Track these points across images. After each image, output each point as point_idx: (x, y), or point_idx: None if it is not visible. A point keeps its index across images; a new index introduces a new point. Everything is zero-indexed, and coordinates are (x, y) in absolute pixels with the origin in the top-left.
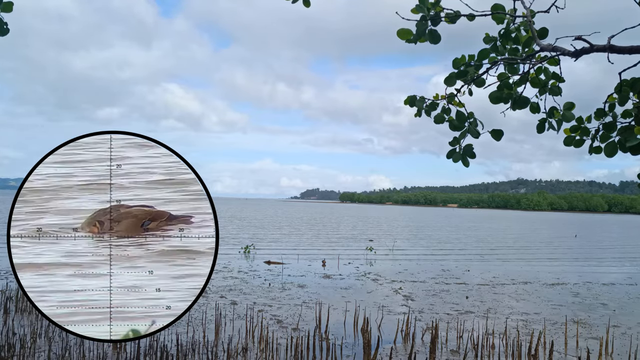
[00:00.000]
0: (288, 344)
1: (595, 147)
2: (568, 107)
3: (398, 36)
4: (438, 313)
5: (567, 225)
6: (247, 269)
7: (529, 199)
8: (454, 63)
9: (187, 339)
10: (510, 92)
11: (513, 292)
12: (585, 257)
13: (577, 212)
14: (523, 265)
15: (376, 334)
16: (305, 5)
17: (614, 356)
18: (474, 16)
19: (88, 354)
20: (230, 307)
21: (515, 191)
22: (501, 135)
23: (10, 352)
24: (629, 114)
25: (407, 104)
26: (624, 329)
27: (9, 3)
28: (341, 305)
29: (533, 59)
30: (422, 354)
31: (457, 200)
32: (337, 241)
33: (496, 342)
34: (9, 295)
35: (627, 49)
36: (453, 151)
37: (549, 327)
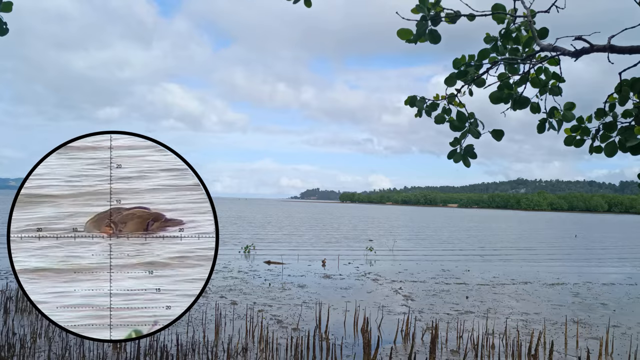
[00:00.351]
0: (288, 344)
1: (596, 147)
2: (568, 107)
3: (398, 36)
4: (438, 313)
5: (567, 225)
6: (247, 269)
7: (529, 199)
8: (454, 63)
9: (187, 339)
10: (511, 92)
11: (513, 292)
12: (585, 257)
13: (577, 212)
14: (523, 265)
15: (376, 334)
16: (306, 6)
17: (614, 356)
18: (474, 16)
19: (88, 354)
20: (230, 307)
21: (515, 191)
22: (502, 136)
23: (10, 352)
24: (629, 113)
25: (407, 105)
26: (624, 329)
27: (8, 3)
28: (341, 305)
29: (533, 59)
30: (422, 354)
31: (457, 200)
32: (337, 241)
33: (496, 342)
34: (9, 295)
35: (627, 49)
36: (454, 151)
37: (549, 327)
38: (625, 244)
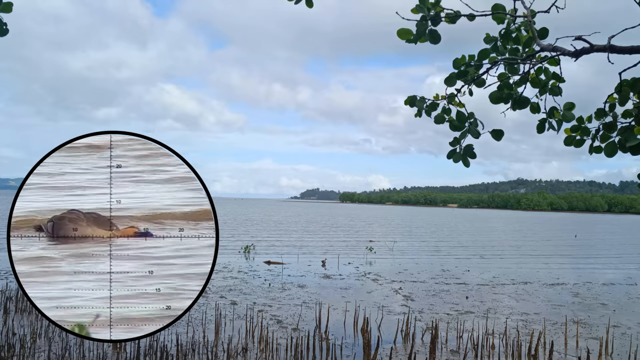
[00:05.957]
0: (288, 344)
1: (596, 147)
2: (568, 107)
3: (398, 36)
4: (438, 313)
5: (567, 225)
6: (247, 269)
7: (529, 199)
8: (454, 63)
9: (187, 339)
10: (511, 92)
11: (513, 292)
12: (585, 257)
13: (577, 212)
14: (523, 265)
15: (376, 334)
16: (308, 6)
17: (614, 356)
18: (474, 16)
19: (88, 354)
20: (230, 307)
21: (515, 191)
22: (501, 136)
23: (10, 352)
24: (629, 114)
25: (407, 104)
26: (624, 329)
27: (8, 3)
28: (341, 305)
29: (533, 59)
30: (422, 354)
31: (457, 200)
32: (337, 241)
33: (496, 342)
34: (9, 295)
35: (627, 49)
36: (453, 151)
37: (549, 327)
38: (625, 244)
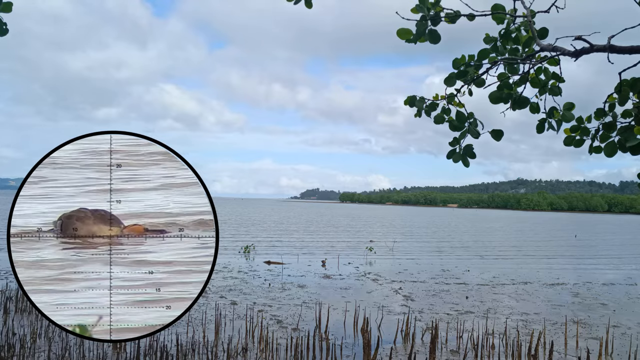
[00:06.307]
0: (288, 344)
1: (595, 147)
2: (568, 107)
3: (398, 36)
4: (438, 313)
5: (567, 225)
6: (247, 269)
7: (529, 199)
8: (454, 63)
9: (187, 339)
10: (510, 92)
11: (513, 292)
12: (586, 257)
13: (577, 212)
14: (523, 265)
15: (376, 334)
16: (307, 6)
17: (614, 356)
18: (474, 16)
19: (88, 354)
20: (230, 307)
21: (515, 191)
22: (501, 136)
23: (10, 352)
24: (629, 114)
25: (407, 105)
26: (624, 329)
27: (8, 3)
28: (341, 305)
29: (533, 59)
30: (422, 354)
31: (457, 200)
32: (337, 241)
33: (496, 342)
34: (9, 295)
35: (627, 49)
36: (453, 151)
37: (549, 327)
38: (625, 244)
